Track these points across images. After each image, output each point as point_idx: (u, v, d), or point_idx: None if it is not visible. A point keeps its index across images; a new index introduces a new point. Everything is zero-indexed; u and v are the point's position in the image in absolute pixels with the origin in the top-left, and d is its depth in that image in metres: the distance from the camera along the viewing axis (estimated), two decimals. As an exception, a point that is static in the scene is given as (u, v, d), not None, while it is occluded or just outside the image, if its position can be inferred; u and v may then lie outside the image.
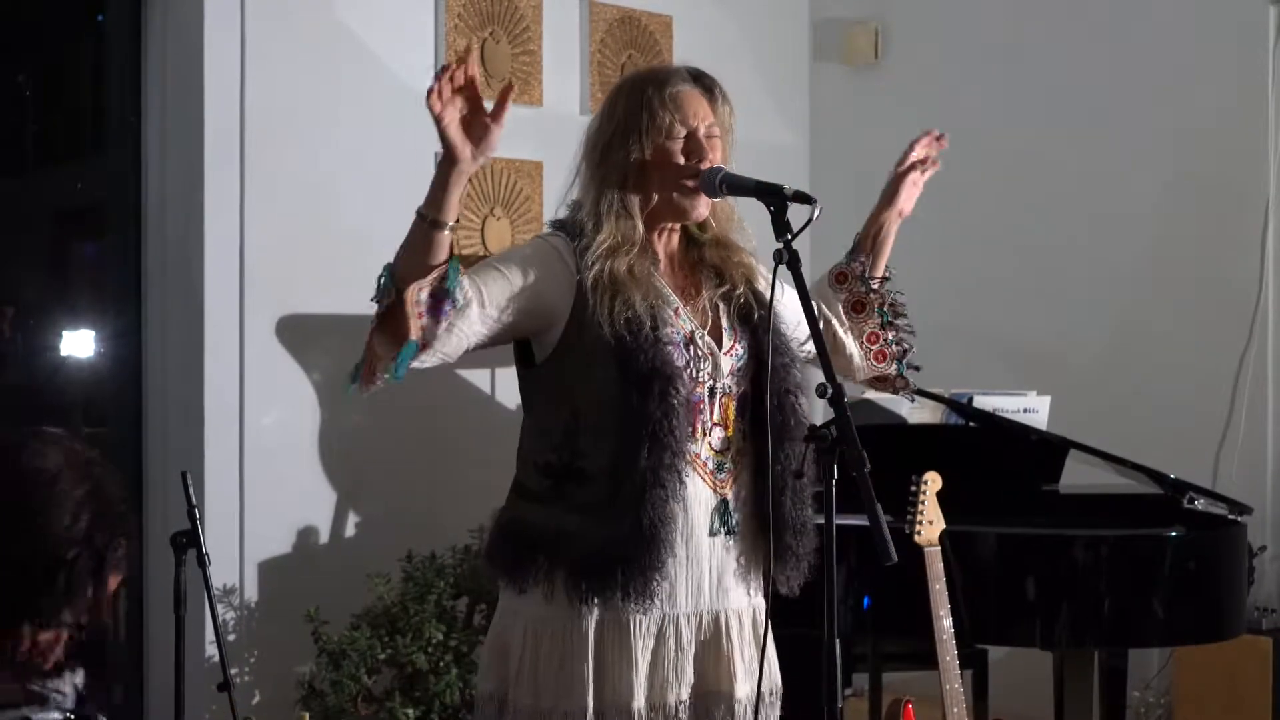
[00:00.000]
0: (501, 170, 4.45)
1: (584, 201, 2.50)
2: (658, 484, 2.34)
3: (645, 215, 2.47)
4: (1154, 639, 3.67)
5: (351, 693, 3.68)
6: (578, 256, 2.42)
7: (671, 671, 2.42)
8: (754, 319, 2.50)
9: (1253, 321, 4.44)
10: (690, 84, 2.49)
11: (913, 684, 4.01)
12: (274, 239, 3.99)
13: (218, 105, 3.91)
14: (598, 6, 4.71)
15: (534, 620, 2.43)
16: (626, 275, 2.40)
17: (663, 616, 2.41)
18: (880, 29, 5.30)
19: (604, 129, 2.49)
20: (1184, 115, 4.58)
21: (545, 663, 2.42)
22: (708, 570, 2.43)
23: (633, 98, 2.48)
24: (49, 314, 4.23)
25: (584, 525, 2.38)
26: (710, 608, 2.45)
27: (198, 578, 2.81)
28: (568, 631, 2.40)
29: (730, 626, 2.47)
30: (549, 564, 2.40)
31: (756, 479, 2.46)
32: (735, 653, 2.47)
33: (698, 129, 2.45)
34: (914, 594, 3.05)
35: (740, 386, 2.47)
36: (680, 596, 2.42)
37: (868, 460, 2.05)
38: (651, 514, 2.34)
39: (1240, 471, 4.40)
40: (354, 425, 4.17)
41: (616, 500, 2.35)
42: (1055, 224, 4.86)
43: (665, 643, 2.42)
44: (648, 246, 2.47)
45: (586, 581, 2.37)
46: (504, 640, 2.49)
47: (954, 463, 3.23)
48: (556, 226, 2.52)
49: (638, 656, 2.40)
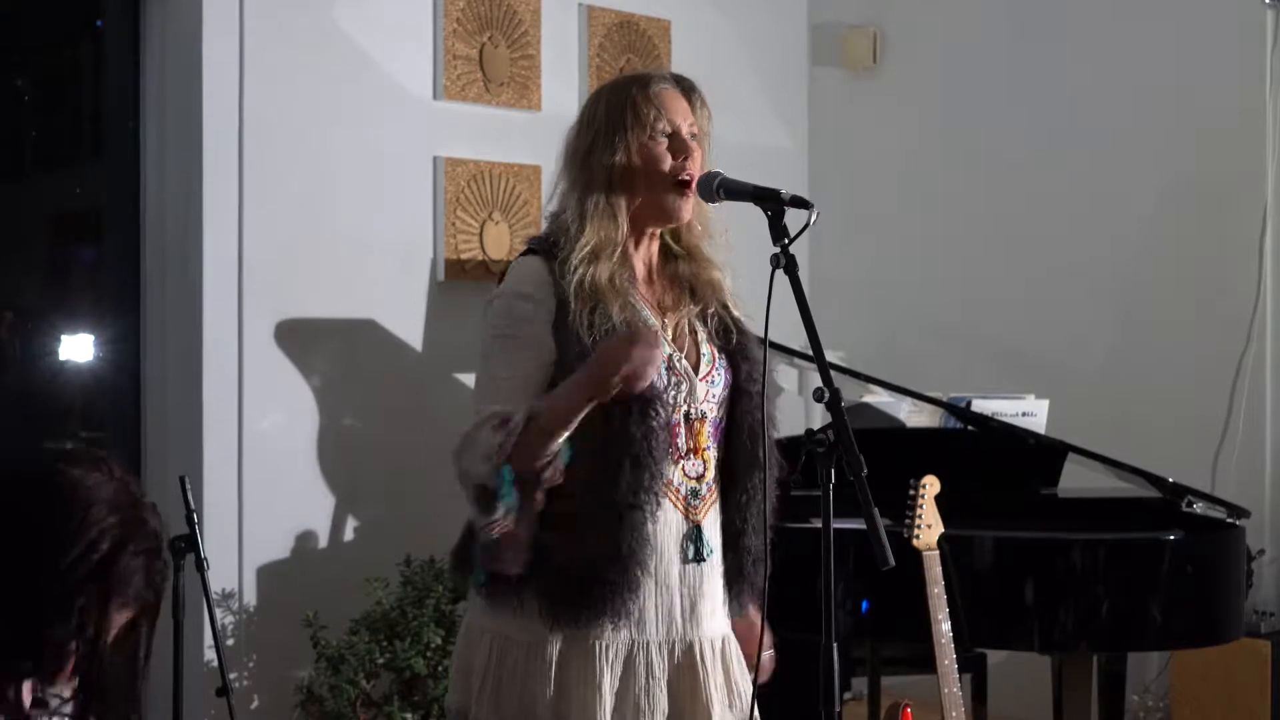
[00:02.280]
0: (499, 175, 4.45)
1: (565, 208, 2.47)
2: (636, 506, 2.32)
3: (630, 217, 2.45)
4: (1152, 642, 3.67)
5: (350, 697, 3.68)
6: (556, 272, 2.40)
7: (644, 699, 2.39)
8: (732, 343, 2.49)
9: (1250, 325, 4.44)
10: (671, 84, 2.49)
11: (911, 688, 4.01)
12: (272, 243, 4.00)
13: (216, 110, 3.92)
14: (596, 11, 4.72)
15: (499, 637, 2.41)
16: (607, 285, 2.38)
17: (632, 643, 2.38)
18: (878, 33, 5.31)
19: (584, 134, 2.47)
20: (1182, 118, 4.59)
21: (508, 681, 2.39)
22: (679, 597, 2.41)
23: (614, 99, 2.46)
24: (48, 318, 4.23)
25: (558, 542, 2.35)
26: (683, 635, 2.42)
27: (196, 583, 2.81)
28: (531, 651, 2.37)
29: (705, 655, 2.44)
30: (519, 579, 2.37)
31: (728, 507, 2.45)
32: (710, 682, 2.43)
33: (681, 127, 2.45)
34: (912, 598, 3.05)
35: (715, 413, 2.45)
36: (650, 624, 2.39)
37: (865, 464, 2.04)
38: (630, 536, 2.32)
39: (1238, 475, 4.40)
40: (352, 429, 4.17)
41: (593, 520, 2.33)
42: (1053, 227, 4.86)
43: (635, 670, 2.39)
44: (627, 255, 2.45)
45: (557, 600, 2.34)
46: (468, 655, 2.46)
47: (952, 466, 3.23)
48: (533, 245, 2.48)
49: (603, 682, 2.36)
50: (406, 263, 4.29)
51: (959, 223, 5.08)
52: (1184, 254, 4.58)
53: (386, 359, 4.25)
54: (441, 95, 4.34)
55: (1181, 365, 4.56)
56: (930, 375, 4.59)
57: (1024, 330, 4.92)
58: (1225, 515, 3.59)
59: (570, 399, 2.29)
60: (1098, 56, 4.78)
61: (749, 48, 5.14)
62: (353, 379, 4.19)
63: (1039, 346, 4.86)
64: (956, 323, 5.04)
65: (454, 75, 4.35)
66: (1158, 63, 4.64)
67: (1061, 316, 4.83)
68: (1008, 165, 4.97)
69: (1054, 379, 4.59)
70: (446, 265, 4.33)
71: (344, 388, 4.17)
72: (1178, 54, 4.60)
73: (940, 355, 5.02)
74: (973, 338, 4.99)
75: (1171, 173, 4.61)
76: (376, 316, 4.23)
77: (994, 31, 5.04)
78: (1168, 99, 4.62)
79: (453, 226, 4.34)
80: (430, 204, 4.33)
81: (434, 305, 4.33)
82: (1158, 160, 4.64)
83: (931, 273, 5.10)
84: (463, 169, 4.37)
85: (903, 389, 3.92)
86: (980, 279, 5.03)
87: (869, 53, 5.31)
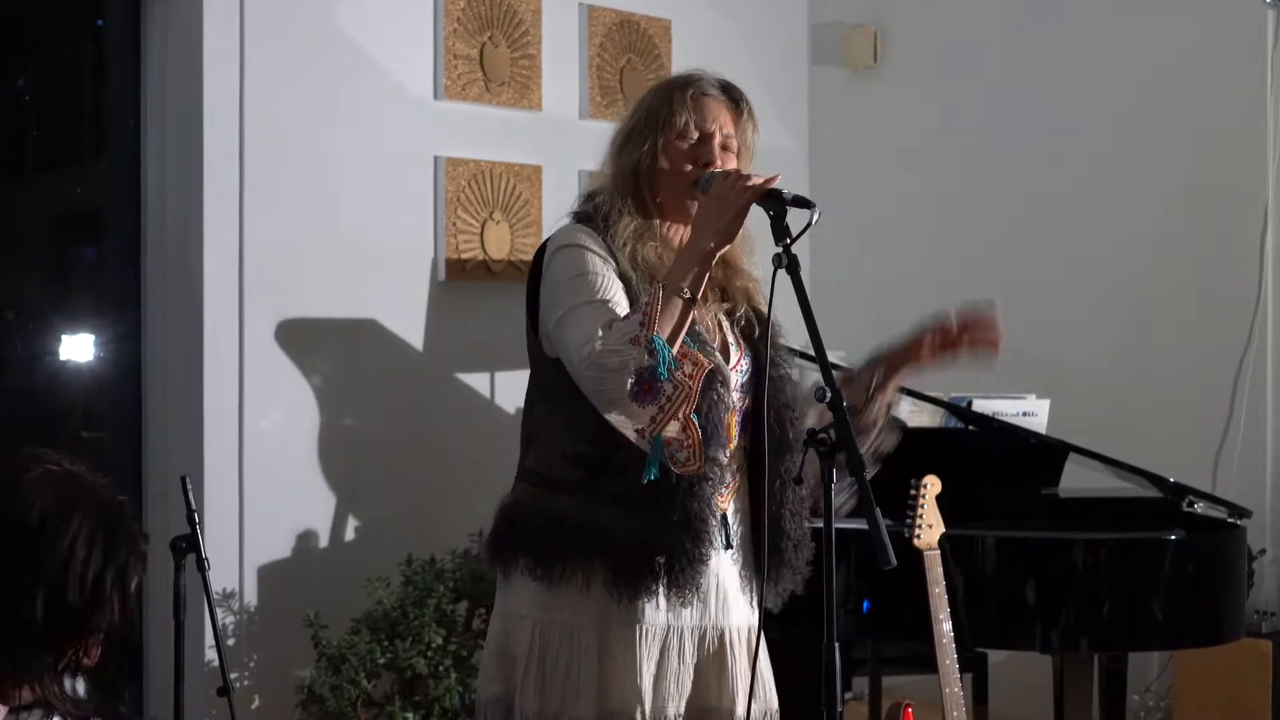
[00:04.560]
0: (500, 174, 4.45)
1: (601, 192, 2.49)
2: (703, 476, 2.32)
3: (657, 209, 2.47)
4: (1153, 642, 3.67)
5: (351, 697, 3.68)
6: (609, 243, 2.41)
7: (673, 684, 2.41)
8: (754, 334, 2.50)
9: (1252, 324, 4.44)
10: (717, 91, 2.50)
11: (912, 688, 4.01)
12: (273, 243, 4.00)
13: (217, 110, 3.92)
14: (597, 11, 4.72)
15: (541, 623, 2.41)
16: (657, 262, 2.40)
17: (668, 628, 2.39)
18: (879, 33, 5.31)
19: (627, 124, 2.52)
20: (1183, 119, 4.59)
21: (552, 668, 2.40)
22: (714, 585, 2.42)
23: (659, 95, 2.50)
24: (48, 318, 4.23)
25: (620, 518, 2.35)
26: (715, 623, 2.43)
27: (197, 582, 2.81)
28: (575, 636, 2.39)
29: (734, 643, 2.45)
30: (583, 556, 2.37)
31: (754, 493, 2.45)
32: (738, 670, 2.45)
33: (713, 134, 2.45)
34: (914, 598, 3.05)
35: (743, 401, 2.46)
36: (686, 609, 2.40)
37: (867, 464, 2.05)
38: (698, 505, 2.33)
39: (1239, 475, 4.40)
40: (353, 429, 4.17)
41: (659, 492, 2.31)
42: (1053, 227, 4.86)
43: (669, 655, 2.40)
44: (666, 240, 2.47)
45: (626, 574, 2.34)
46: (508, 645, 2.47)
47: (953, 466, 3.23)
48: (579, 219, 2.49)
49: (643, 665, 2.38)
50: (407, 263, 4.29)
51: (959, 222, 5.07)
52: (1185, 254, 4.58)
53: (387, 359, 4.25)
54: (442, 95, 4.34)
55: (1182, 365, 4.56)
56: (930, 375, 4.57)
57: (1024, 330, 4.88)
58: (1226, 515, 3.59)
59: (691, 249, 2.27)
60: (1098, 57, 4.77)
61: (749, 47, 5.14)
62: (353, 379, 4.19)
63: (1039, 346, 4.85)
64: (957, 322, 5.03)
65: (454, 75, 4.35)
66: (1158, 63, 4.64)
67: (1062, 316, 4.83)
68: (1008, 165, 4.97)
69: (1055, 379, 4.59)
70: (447, 265, 4.33)
71: (344, 387, 4.17)
72: (1178, 54, 4.60)
73: (941, 355, 5.01)
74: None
75: (1172, 173, 4.61)
76: (377, 316, 4.23)
77: (994, 31, 5.04)
78: (1168, 99, 4.62)
79: (453, 226, 4.34)
80: (431, 204, 4.33)
81: (435, 305, 4.33)
82: (1158, 160, 4.64)
83: (931, 273, 5.10)
84: (463, 169, 4.37)
85: (903, 389, 3.92)
86: (980, 279, 5.02)
87: (869, 52, 5.31)
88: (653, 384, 2.18)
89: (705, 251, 2.27)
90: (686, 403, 2.20)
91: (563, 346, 2.32)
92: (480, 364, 4.44)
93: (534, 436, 2.52)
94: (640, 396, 2.19)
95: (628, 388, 2.18)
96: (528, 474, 2.51)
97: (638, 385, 2.18)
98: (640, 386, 2.18)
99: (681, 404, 2.20)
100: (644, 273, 2.38)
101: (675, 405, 2.20)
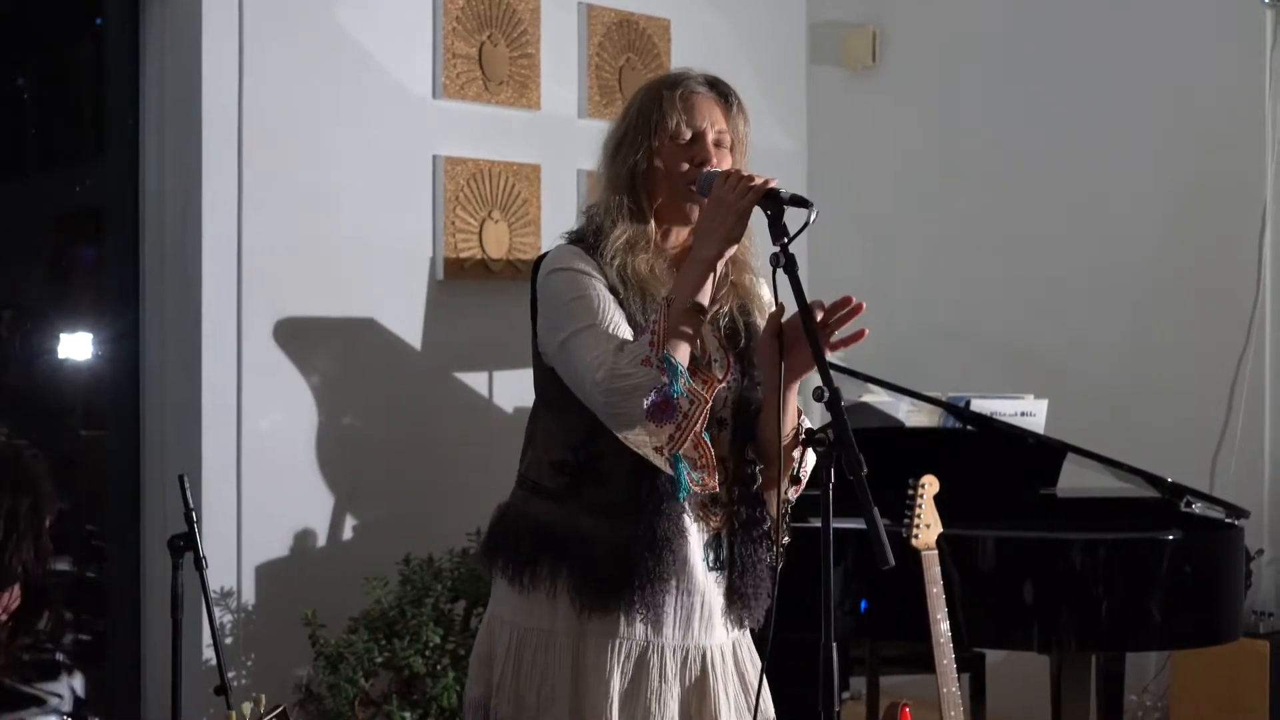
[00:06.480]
0: (499, 173, 4.45)
1: (599, 201, 2.48)
2: (672, 495, 2.33)
3: (654, 214, 2.45)
4: (1151, 642, 3.67)
5: (349, 696, 3.68)
6: (599, 260, 2.39)
7: (655, 703, 2.38)
8: (739, 344, 2.46)
9: (1250, 325, 4.44)
10: (705, 89, 2.48)
11: (910, 687, 4.01)
12: (272, 242, 4.00)
13: (216, 108, 3.92)
14: (595, 10, 4.72)
15: (518, 628, 2.42)
16: (648, 274, 2.39)
17: (647, 644, 2.38)
18: (878, 33, 5.31)
19: (618, 129, 2.49)
20: (1182, 119, 4.59)
21: (527, 673, 2.40)
22: (699, 604, 2.41)
23: (646, 98, 2.47)
24: (47, 317, 4.23)
25: (598, 528, 2.36)
26: (696, 642, 2.42)
27: (195, 581, 2.81)
28: (549, 643, 2.38)
29: (715, 663, 2.44)
30: (553, 564, 2.38)
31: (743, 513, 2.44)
32: (720, 690, 2.43)
33: (705, 132, 2.44)
34: (911, 598, 3.05)
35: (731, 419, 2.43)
36: (667, 626, 2.38)
37: (865, 463, 2.05)
38: (665, 524, 2.33)
39: (1237, 475, 4.40)
40: (352, 428, 4.17)
41: (634, 505, 2.33)
42: (1052, 227, 4.86)
43: (649, 671, 2.39)
44: (660, 248, 2.45)
45: (592, 586, 2.34)
46: (489, 648, 2.47)
47: (951, 466, 3.23)
48: (573, 239, 2.47)
49: (613, 679, 2.36)
50: (406, 262, 4.29)
51: (958, 222, 5.08)
52: (1183, 254, 4.58)
53: (386, 358, 4.25)
54: (441, 94, 4.34)
55: (1181, 365, 4.56)
56: (930, 375, 4.59)
57: (1024, 330, 4.92)
58: (1224, 515, 3.60)
59: (695, 259, 2.27)
60: (1098, 56, 4.78)
61: (748, 47, 5.14)
62: (352, 378, 4.19)
63: (1038, 346, 4.86)
64: (956, 323, 5.04)
65: (453, 74, 4.35)
66: (1158, 63, 4.64)
67: (1061, 316, 4.83)
68: (1007, 165, 4.97)
69: (1053, 379, 4.59)
70: (446, 264, 4.33)
71: (343, 387, 4.17)
72: (1178, 54, 4.60)
73: (940, 355, 5.02)
74: (972, 338, 5.00)
75: (1171, 173, 4.62)
76: (376, 315, 4.23)
77: (994, 31, 5.04)
78: (1168, 99, 4.62)
79: (452, 225, 4.34)
80: (430, 203, 4.33)
81: (433, 304, 4.34)
82: (1157, 160, 4.64)
83: (931, 273, 5.11)
84: (462, 168, 4.37)
85: (902, 389, 3.93)
86: (980, 279, 5.03)
87: (868, 52, 5.31)
88: (668, 402, 2.22)
89: (710, 259, 2.28)
90: (702, 419, 2.25)
91: (570, 371, 2.33)
92: (479, 363, 4.45)
93: (531, 442, 2.52)
94: (657, 415, 2.22)
95: (644, 407, 2.21)
96: (521, 478, 2.52)
97: (654, 404, 2.21)
98: (657, 405, 2.22)
99: (699, 419, 2.24)
100: (634, 286, 2.37)
101: (692, 421, 2.24)
